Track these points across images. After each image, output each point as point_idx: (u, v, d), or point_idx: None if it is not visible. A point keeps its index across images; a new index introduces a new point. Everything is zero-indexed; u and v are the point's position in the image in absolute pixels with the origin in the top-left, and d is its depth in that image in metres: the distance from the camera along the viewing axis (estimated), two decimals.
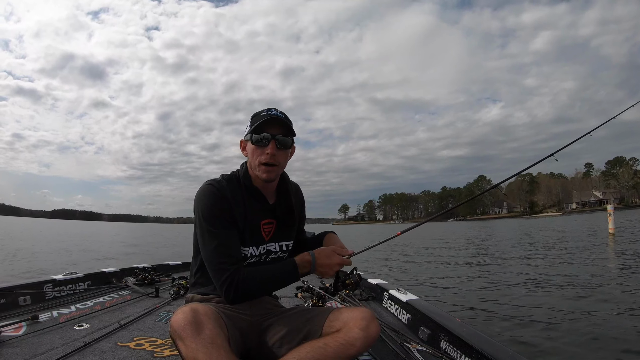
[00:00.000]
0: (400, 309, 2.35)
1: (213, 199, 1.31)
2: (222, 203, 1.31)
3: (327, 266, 1.31)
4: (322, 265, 1.31)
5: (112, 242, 20.96)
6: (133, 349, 1.77)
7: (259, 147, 1.34)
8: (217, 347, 1.06)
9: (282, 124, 1.35)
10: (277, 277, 1.31)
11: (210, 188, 1.34)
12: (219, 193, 1.32)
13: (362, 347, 1.20)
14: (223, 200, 1.32)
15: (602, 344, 2.99)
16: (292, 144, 1.41)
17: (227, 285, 1.24)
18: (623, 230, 16.57)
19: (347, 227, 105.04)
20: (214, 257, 1.27)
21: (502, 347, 1.49)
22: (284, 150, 1.37)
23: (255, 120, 1.36)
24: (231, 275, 1.24)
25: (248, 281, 1.24)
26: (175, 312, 1.14)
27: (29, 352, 1.69)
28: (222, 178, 1.39)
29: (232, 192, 1.35)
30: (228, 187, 1.35)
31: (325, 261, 1.31)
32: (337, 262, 1.32)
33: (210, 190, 1.33)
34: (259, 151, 1.34)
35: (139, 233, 38.83)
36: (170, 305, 2.69)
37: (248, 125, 1.39)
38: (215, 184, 1.35)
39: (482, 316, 4.04)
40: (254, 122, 1.36)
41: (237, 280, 1.23)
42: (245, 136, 1.40)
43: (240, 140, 1.43)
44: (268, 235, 1.42)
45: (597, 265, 7.39)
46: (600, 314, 3.81)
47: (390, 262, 9.71)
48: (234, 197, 1.34)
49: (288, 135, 1.37)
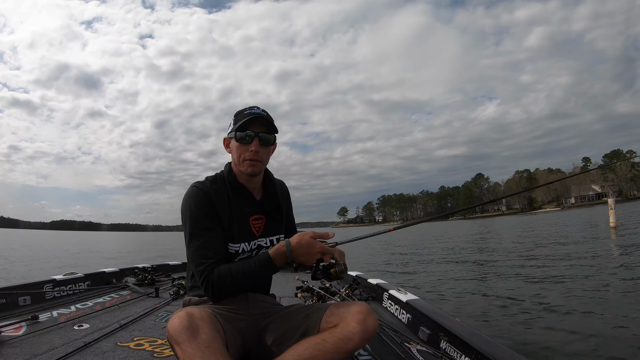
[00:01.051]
0: (400, 309, 2.35)
1: (196, 199, 1.35)
2: (206, 203, 1.35)
3: (306, 254, 1.27)
4: (300, 254, 1.26)
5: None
6: (133, 349, 1.78)
7: (242, 144, 1.38)
8: (214, 350, 1.06)
9: (264, 122, 1.40)
10: (251, 271, 1.28)
11: (194, 190, 1.38)
12: (203, 194, 1.36)
13: (361, 341, 1.20)
14: (207, 200, 1.35)
15: (603, 344, 2.98)
16: (275, 140, 1.46)
17: (205, 284, 1.28)
18: (624, 223, 16.47)
19: (346, 229, 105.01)
20: (194, 259, 1.32)
21: (502, 347, 1.49)
22: (266, 147, 1.42)
23: (238, 118, 1.40)
24: (207, 275, 1.27)
25: (222, 279, 1.26)
26: (171, 316, 1.15)
27: (29, 352, 1.69)
28: (207, 179, 1.43)
29: (216, 191, 1.39)
30: (212, 188, 1.39)
31: (305, 249, 1.26)
32: (318, 250, 1.27)
33: (194, 192, 1.37)
34: (242, 148, 1.39)
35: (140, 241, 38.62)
36: (170, 305, 2.69)
37: (231, 123, 1.43)
38: (199, 185, 1.40)
39: (482, 316, 4.04)
40: (238, 120, 1.40)
41: (211, 279, 1.26)
42: (228, 134, 1.44)
43: (224, 138, 1.47)
44: (258, 230, 1.45)
45: (600, 261, 7.32)
46: (602, 313, 3.80)
47: (390, 262, 9.72)
48: (218, 197, 1.38)
49: (270, 132, 1.42)
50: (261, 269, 1.29)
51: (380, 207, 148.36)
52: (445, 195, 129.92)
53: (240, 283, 1.29)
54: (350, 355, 1.23)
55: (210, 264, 1.28)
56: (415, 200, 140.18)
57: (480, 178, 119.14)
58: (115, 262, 8.66)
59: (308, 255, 1.28)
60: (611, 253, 8.56)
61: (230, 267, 1.29)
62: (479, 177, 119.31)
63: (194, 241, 1.32)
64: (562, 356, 2.84)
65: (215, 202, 1.36)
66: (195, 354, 1.04)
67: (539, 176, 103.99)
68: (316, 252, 1.27)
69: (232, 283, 1.28)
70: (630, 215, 22.94)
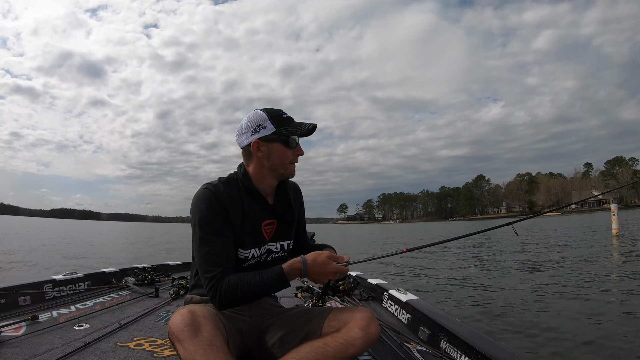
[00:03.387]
0: (400, 309, 2.35)
1: (208, 203, 1.29)
2: (217, 207, 1.29)
3: (321, 274, 1.26)
4: (315, 273, 1.26)
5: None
6: (133, 349, 1.77)
7: (290, 148, 1.38)
8: (215, 348, 1.06)
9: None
10: (263, 284, 1.25)
11: (206, 192, 1.31)
12: (215, 197, 1.30)
13: (362, 347, 1.20)
14: (218, 204, 1.29)
15: (603, 345, 2.98)
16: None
17: (212, 292, 1.23)
18: (627, 230, 16.34)
19: (345, 226, 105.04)
20: (202, 264, 1.27)
21: (502, 347, 1.49)
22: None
23: (280, 122, 1.36)
24: (216, 283, 1.22)
25: (231, 290, 1.21)
26: (174, 314, 1.14)
27: (29, 352, 1.69)
28: (220, 181, 1.37)
29: (229, 195, 1.33)
30: (225, 190, 1.33)
31: (320, 270, 1.25)
32: (332, 271, 1.26)
33: (206, 195, 1.31)
34: (290, 151, 1.38)
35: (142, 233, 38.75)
36: (170, 305, 2.69)
37: (267, 126, 1.35)
38: (211, 187, 1.32)
39: (482, 316, 4.04)
40: (281, 123, 1.36)
41: (220, 288, 1.21)
42: (265, 136, 1.35)
43: (255, 140, 1.35)
44: (269, 235, 1.41)
45: (602, 267, 7.30)
46: (602, 316, 3.80)
47: (390, 262, 9.71)
48: (231, 200, 1.32)
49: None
50: (274, 284, 1.25)
51: (380, 205, 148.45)
52: (445, 195, 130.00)
53: (250, 295, 1.25)
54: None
55: (220, 271, 1.23)
56: (415, 200, 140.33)
57: (481, 179, 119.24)
58: (115, 263, 8.65)
59: (322, 275, 1.26)
60: (614, 260, 8.50)
61: (241, 278, 1.23)
62: (480, 179, 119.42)
63: (204, 247, 1.26)
64: (562, 356, 2.84)
65: (228, 206, 1.30)
66: (197, 351, 1.04)
67: (540, 180, 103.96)
68: (330, 272, 1.26)
69: (242, 295, 1.23)
70: (631, 222, 22.84)
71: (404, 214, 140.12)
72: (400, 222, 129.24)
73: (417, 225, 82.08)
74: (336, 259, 1.30)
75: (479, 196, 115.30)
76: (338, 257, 1.31)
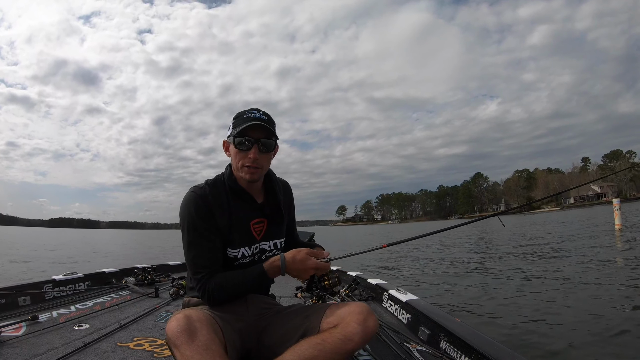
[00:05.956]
0: (400, 309, 2.36)
1: (194, 206, 1.32)
2: (203, 210, 1.32)
3: (300, 270, 1.31)
4: (294, 269, 1.31)
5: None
6: (133, 349, 1.78)
7: (241, 150, 1.34)
8: (212, 353, 1.06)
9: (264, 128, 1.33)
10: (244, 283, 1.33)
11: (192, 195, 1.34)
12: (201, 200, 1.33)
13: (361, 341, 1.20)
14: (204, 207, 1.32)
15: (604, 345, 2.98)
16: (275, 145, 1.40)
17: (201, 293, 1.32)
18: (630, 225, 16.00)
19: (344, 228, 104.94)
20: (191, 267, 1.34)
21: (502, 347, 1.49)
22: (266, 153, 1.37)
23: (237, 122, 1.35)
24: (204, 284, 1.30)
25: (217, 289, 1.30)
26: (170, 319, 1.15)
27: (29, 352, 1.69)
28: (206, 183, 1.39)
29: (215, 196, 1.35)
30: (211, 192, 1.35)
31: (299, 266, 1.31)
32: (312, 267, 1.31)
33: (192, 198, 1.34)
34: (241, 154, 1.34)
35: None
36: (170, 305, 2.69)
37: (231, 126, 1.38)
38: (198, 190, 1.36)
39: (482, 316, 4.04)
40: (237, 124, 1.35)
41: (207, 288, 1.30)
42: (227, 137, 1.38)
43: (224, 140, 1.41)
44: (260, 234, 1.43)
45: (605, 264, 7.20)
46: (603, 317, 3.78)
47: (389, 262, 9.72)
48: (217, 202, 1.35)
49: (271, 137, 1.36)
50: (254, 282, 1.34)
51: (379, 206, 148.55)
52: (444, 194, 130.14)
53: (234, 293, 1.34)
54: (350, 355, 1.23)
55: (207, 273, 1.31)
56: (414, 200, 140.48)
57: (479, 177, 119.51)
58: (115, 263, 8.65)
59: (301, 271, 1.33)
60: (618, 257, 8.42)
61: (225, 277, 1.32)
62: (478, 177, 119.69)
63: (192, 250, 1.33)
64: (563, 356, 2.84)
65: (214, 208, 1.33)
66: (194, 356, 1.04)
67: (537, 176, 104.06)
68: (309, 268, 1.32)
69: (227, 293, 1.32)
70: (630, 216, 22.69)
71: (403, 214, 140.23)
72: (399, 222, 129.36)
73: (416, 224, 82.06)
74: (316, 254, 1.33)
75: (478, 194, 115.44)
76: (318, 253, 1.34)
